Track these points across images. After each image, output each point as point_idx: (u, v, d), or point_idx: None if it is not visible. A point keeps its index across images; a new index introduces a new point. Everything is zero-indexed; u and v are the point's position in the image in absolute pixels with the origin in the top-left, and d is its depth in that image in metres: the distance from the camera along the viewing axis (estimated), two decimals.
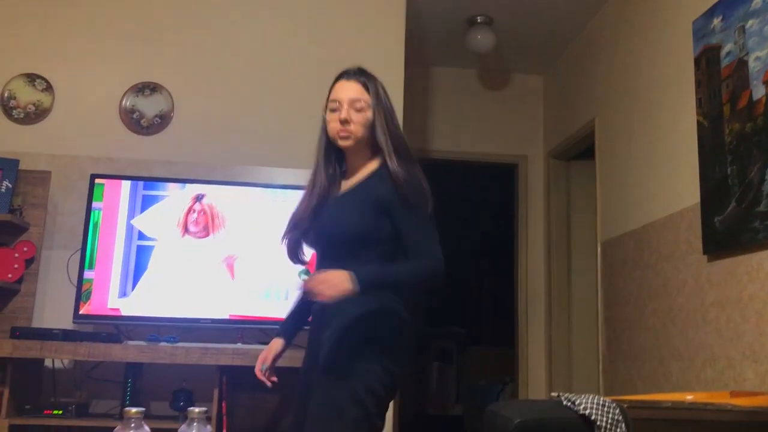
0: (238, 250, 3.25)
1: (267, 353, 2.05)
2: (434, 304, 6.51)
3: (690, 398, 2.19)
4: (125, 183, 3.26)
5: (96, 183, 3.24)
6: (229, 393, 3.03)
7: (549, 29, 4.48)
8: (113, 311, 3.15)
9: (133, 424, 1.58)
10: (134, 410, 1.59)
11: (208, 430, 1.73)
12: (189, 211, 3.26)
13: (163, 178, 3.39)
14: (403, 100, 3.69)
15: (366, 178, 1.94)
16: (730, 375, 2.69)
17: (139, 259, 3.20)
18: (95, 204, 3.22)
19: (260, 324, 3.21)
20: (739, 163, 2.64)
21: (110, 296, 3.15)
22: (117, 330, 3.19)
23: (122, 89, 3.62)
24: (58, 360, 3.22)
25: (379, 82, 1.99)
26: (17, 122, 3.54)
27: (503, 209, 5.55)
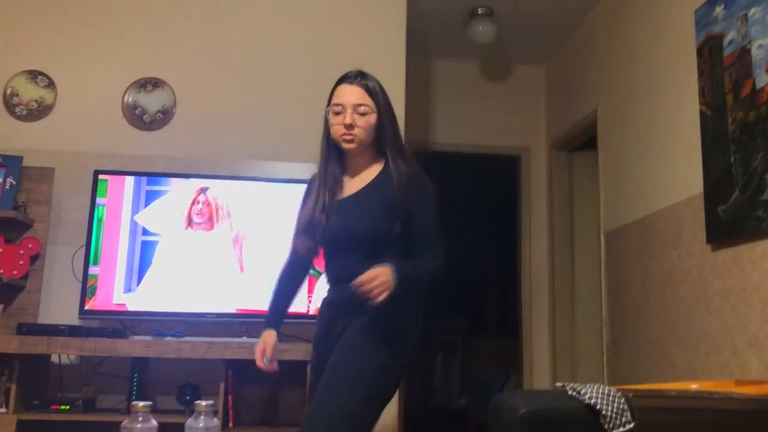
0: (243, 243, 3.26)
1: (264, 346, 2.13)
2: (437, 297, 6.51)
3: (695, 387, 2.19)
4: (129, 179, 3.27)
5: (99, 179, 3.25)
6: (235, 386, 3.05)
7: (550, 19, 4.47)
8: (119, 306, 3.16)
9: (141, 418, 1.60)
10: (141, 404, 1.61)
11: (215, 423, 1.74)
12: (193, 203, 3.27)
13: (167, 174, 3.39)
14: (405, 93, 3.69)
15: (375, 180, 2.01)
16: (735, 364, 2.69)
17: (144, 254, 3.21)
18: (99, 200, 3.23)
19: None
20: (743, 152, 2.63)
21: (115, 291, 3.16)
22: (123, 325, 3.21)
23: (124, 85, 3.62)
24: (65, 355, 3.24)
25: (379, 84, 2.05)
26: (20, 119, 3.54)
27: (506, 201, 5.55)
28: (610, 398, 1.87)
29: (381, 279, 1.76)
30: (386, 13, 3.84)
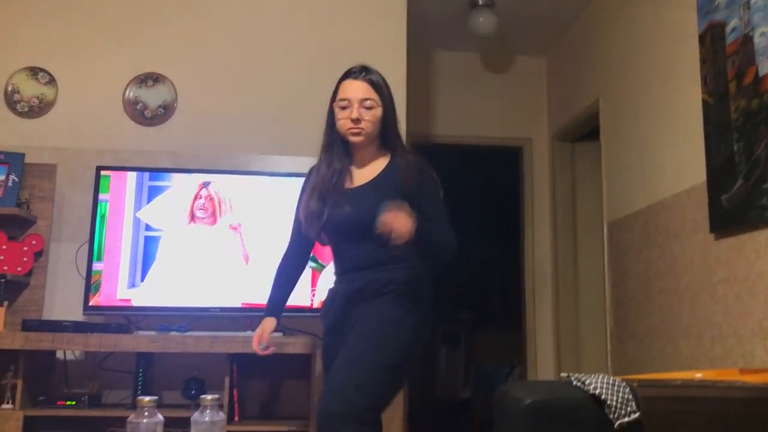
0: (247, 237, 3.26)
1: (262, 332, 2.22)
2: (441, 289, 6.51)
3: (699, 376, 2.19)
4: (131, 174, 3.27)
5: (102, 175, 3.25)
6: (240, 380, 3.05)
7: (551, 10, 4.45)
8: (123, 302, 3.17)
9: (147, 413, 1.60)
10: (147, 399, 1.61)
11: (221, 417, 1.74)
12: (196, 198, 3.27)
13: (169, 169, 3.39)
14: (406, 85, 3.68)
15: (384, 170, 2.07)
16: (739, 352, 2.69)
17: (147, 250, 3.21)
18: (102, 196, 3.23)
19: None
20: (746, 140, 2.62)
21: (119, 287, 3.17)
22: (127, 320, 3.21)
23: (125, 81, 3.61)
24: (70, 351, 3.25)
25: (383, 78, 2.10)
26: (21, 116, 3.54)
27: (509, 193, 5.54)
28: (615, 388, 1.87)
29: (402, 219, 1.82)
30: (387, 5, 3.82)
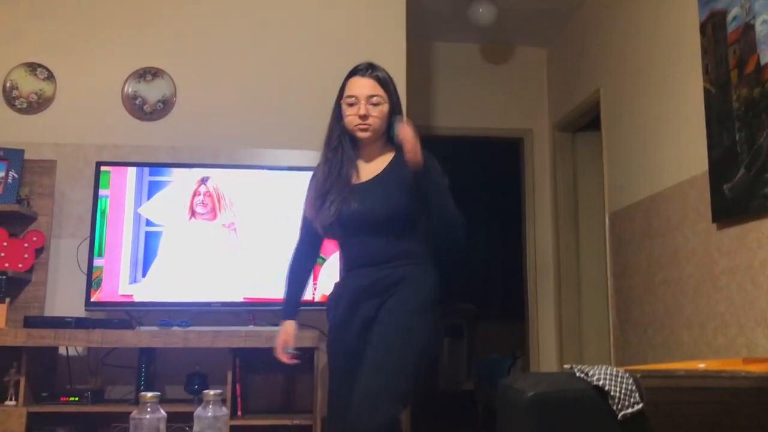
0: (246, 232, 3.25)
1: (286, 337, 2.18)
2: (443, 282, 6.51)
3: (702, 366, 2.19)
4: (131, 170, 3.26)
5: (102, 170, 3.24)
6: (243, 375, 3.05)
7: (551, 0, 4.42)
8: (124, 297, 3.16)
9: (149, 408, 1.60)
10: (150, 395, 1.61)
11: (224, 412, 1.74)
12: (194, 194, 3.26)
13: (169, 164, 3.38)
14: (406, 77, 3.66)
15: (391, 164, 2.10)
16: (742, 342, 2.69)
17: (148, 245, 3.21)
18: (102, 191, 3.22)
19: (272, 306, 3.22)
20: (748, 129, 2.61)
21: (121, 283, 3.17)
22: (129, 316, 3.21)
23: (124, 75, 3.60)
24: (72, 348, 3.25)
25: (388, 74, 2.14)
26: (20, 112, 3.53)
27: (510, 184, 5.53)
28: (618, 379, 1.86)
29: (413, 136, 1.93)
30: None
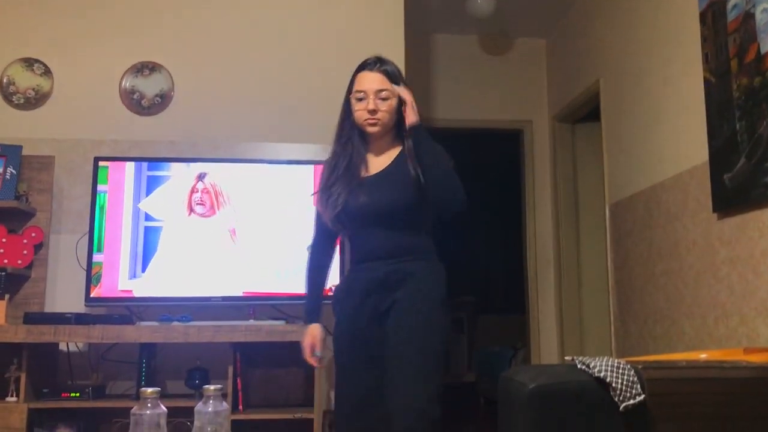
0: (246, 226, 3.25)
1: (313, 340, 2.13)
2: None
3: (704, 356, 2.19)
4: (129, 165, 3.25)
5: (100, 166, 3.23)
6: (244, 369, 3.05)
7: None
8: (124, 293, 3.16)
9: (150, 404, 1.59)
10: (150, 390, 1.60)
11: (225, 407, 1.73)
12: (192, 191, 3.25)
13: (167, 158, 3.37)
14: (405, 69, 3.64)
15: (396, 158, 2.11)
16: (743, 332, 2.69)
17: (148, 240, 3.20)
18: (100, 187, 3.21)
19: (272, 300, 3.22)
20: (748, 119, 2.60)
21: (120, 278, 3.16)
22: (129, 311, 3.21)
23: (121, 70, 3.58)
24: (73, 343, 3.24)
25: (397, 68, 2.14)
26: (18, 108, 3.52)
27: (510, 175, 5.52)
28: (620, 371, 1.86)
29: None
30: None
